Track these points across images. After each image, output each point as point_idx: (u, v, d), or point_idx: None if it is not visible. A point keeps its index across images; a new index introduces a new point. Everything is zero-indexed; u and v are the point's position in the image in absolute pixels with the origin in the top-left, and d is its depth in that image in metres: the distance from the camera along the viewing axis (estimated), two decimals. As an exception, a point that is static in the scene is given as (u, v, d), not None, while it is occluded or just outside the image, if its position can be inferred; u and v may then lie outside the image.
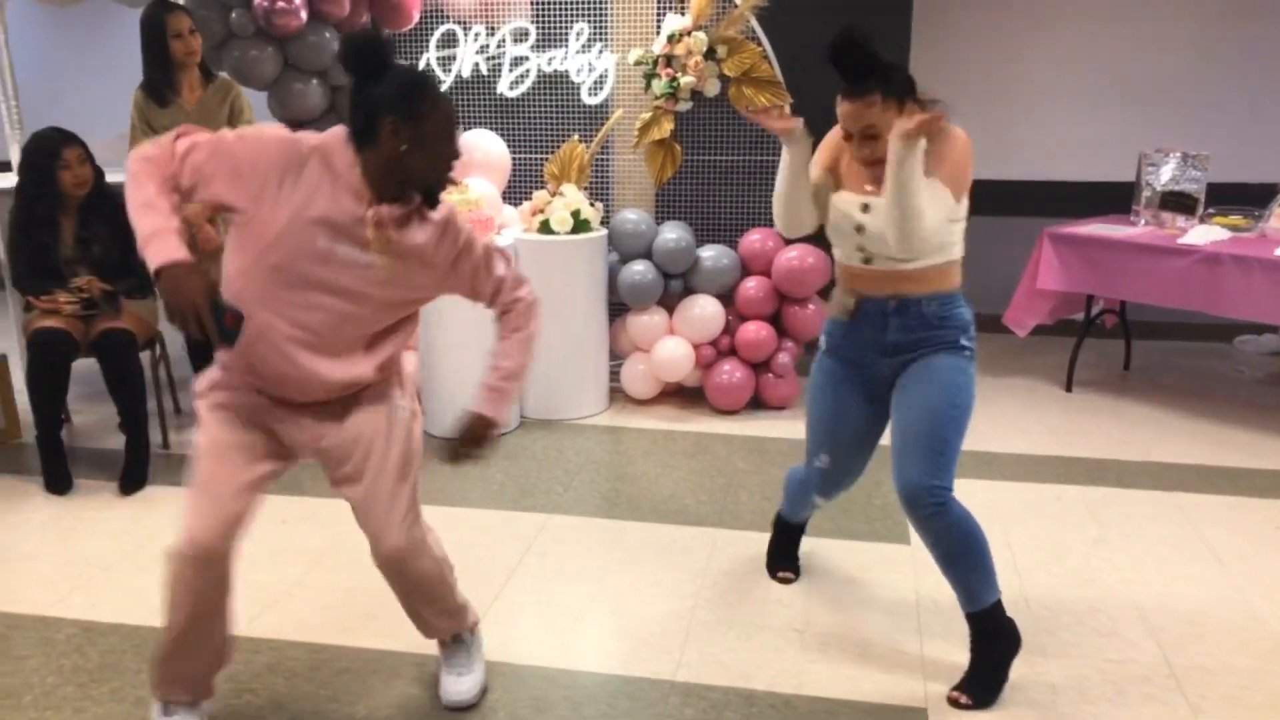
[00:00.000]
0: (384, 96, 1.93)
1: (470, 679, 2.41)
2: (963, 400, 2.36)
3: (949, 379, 2.36)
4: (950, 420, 2.34)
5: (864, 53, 2.20)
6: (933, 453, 2.31)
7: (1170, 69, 5.21)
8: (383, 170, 1.97)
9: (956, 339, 2.39)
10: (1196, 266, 4.11)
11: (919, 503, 2.30)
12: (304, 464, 3.83)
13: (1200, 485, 3.64)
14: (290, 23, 4.02)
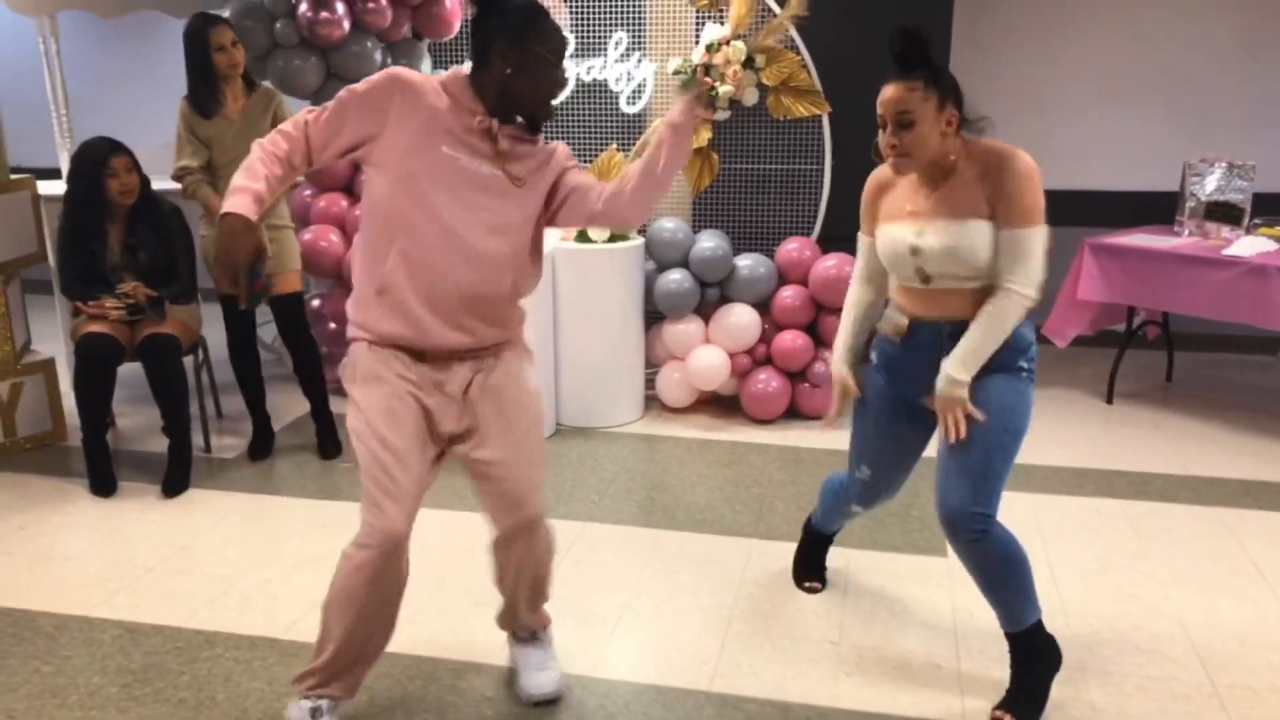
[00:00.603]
0: (497, 24, 2.10)
1: (552, 673, 2.49)
2: (1015, 424, 2.28)
3: (1002, 401, 2.28)
4: (999, 444, 2.27)
5: (921, 42, 2.19)
6: (977, 477, 2.25)
7: (1215, 77, 5.14)
8: (491, 91, 2.12)
9: (1013, 360, 2.31)
10: (1242, 278, 4.05)
11: (960, 529, 2.25)
12: (344, 468, 3.90)
13: (1245, 500, 3.58)
14: (333, 33, 4.08)
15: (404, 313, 2.15)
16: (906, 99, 2.19)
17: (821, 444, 4.13)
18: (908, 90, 2.19)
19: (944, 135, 2.23)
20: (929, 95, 2.19)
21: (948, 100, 2.22)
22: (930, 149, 2.22)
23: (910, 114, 2.20)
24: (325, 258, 4.35)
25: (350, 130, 2.12)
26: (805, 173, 4.52)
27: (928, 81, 2.19)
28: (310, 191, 4.52)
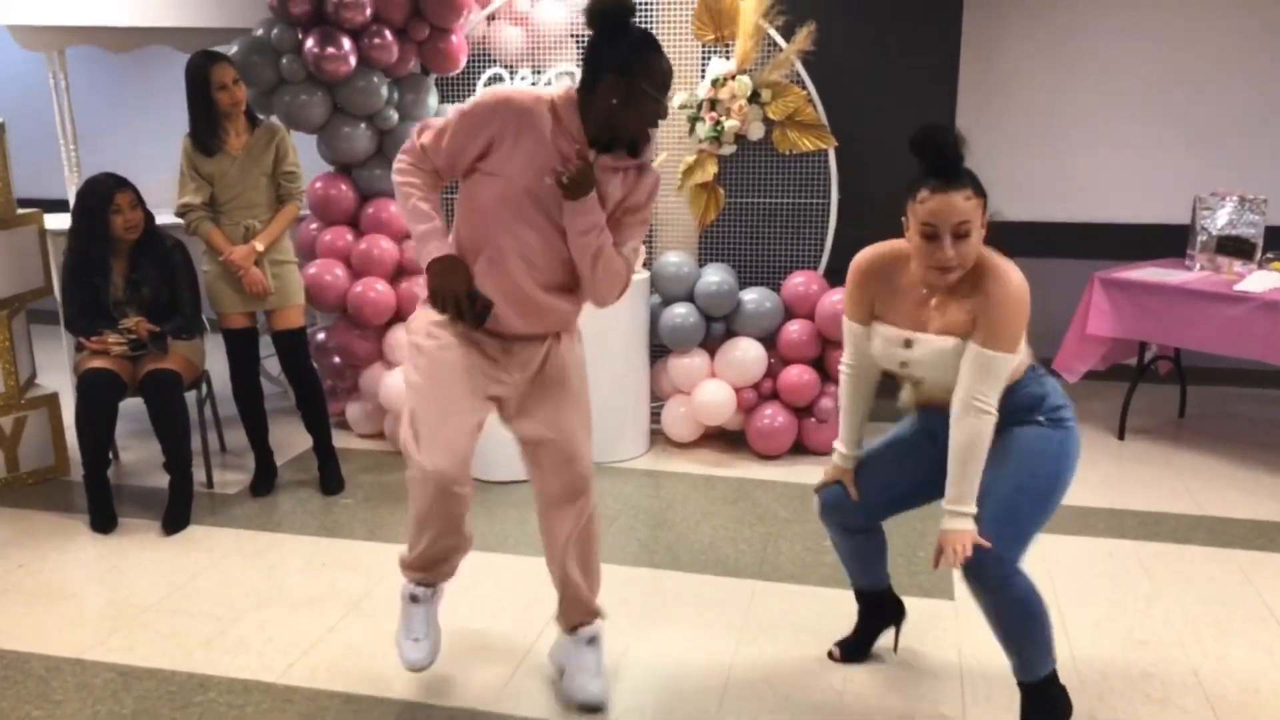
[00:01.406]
0: (609, 54, 2.22)
1: (602, 680, 2.61)
2: (1044, 470, 2.21)
3: (1027, 448, 2.22)
4: (1026, 490, 2.19)
5: (956, 148, 2.10)
6: (1002, 522, 2.17)
7: (1226, 110, 5.11)
8: (595, 118, 2.26)
9: (1027, 417, 2.26)
10: (1254, 314, 4.00)
11: (982, 575, 2.17)
12: (344, 505, 3.88)
13: (1260, 542, 3.52)
14: (339, 68, 4.09)
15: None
16: (965, 209, 2.08)
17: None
18: (964, 200, 2.08)
19: (980, 242, 2.16)
20: (979, 204, 2.11)
21: (985, 200, 2.14)
22: (972, 259, 2.15)
23: (969, 224, 2.09)
24: (330, 292, 4.34)
25: (473, 147, 2.28)
26: (811, 207, 4.50)
27: (974, 189, 2.11)
28: (315, 226, 4.52)
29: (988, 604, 2.22)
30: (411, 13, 4.23)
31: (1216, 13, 5.02)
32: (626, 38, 2.23)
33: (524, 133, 2.26)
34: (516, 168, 2.27)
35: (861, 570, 2.70)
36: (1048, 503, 2.22)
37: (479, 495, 3.97)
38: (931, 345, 2.23)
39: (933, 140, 2.10)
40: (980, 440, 2.16)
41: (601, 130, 2.28)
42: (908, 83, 4.62)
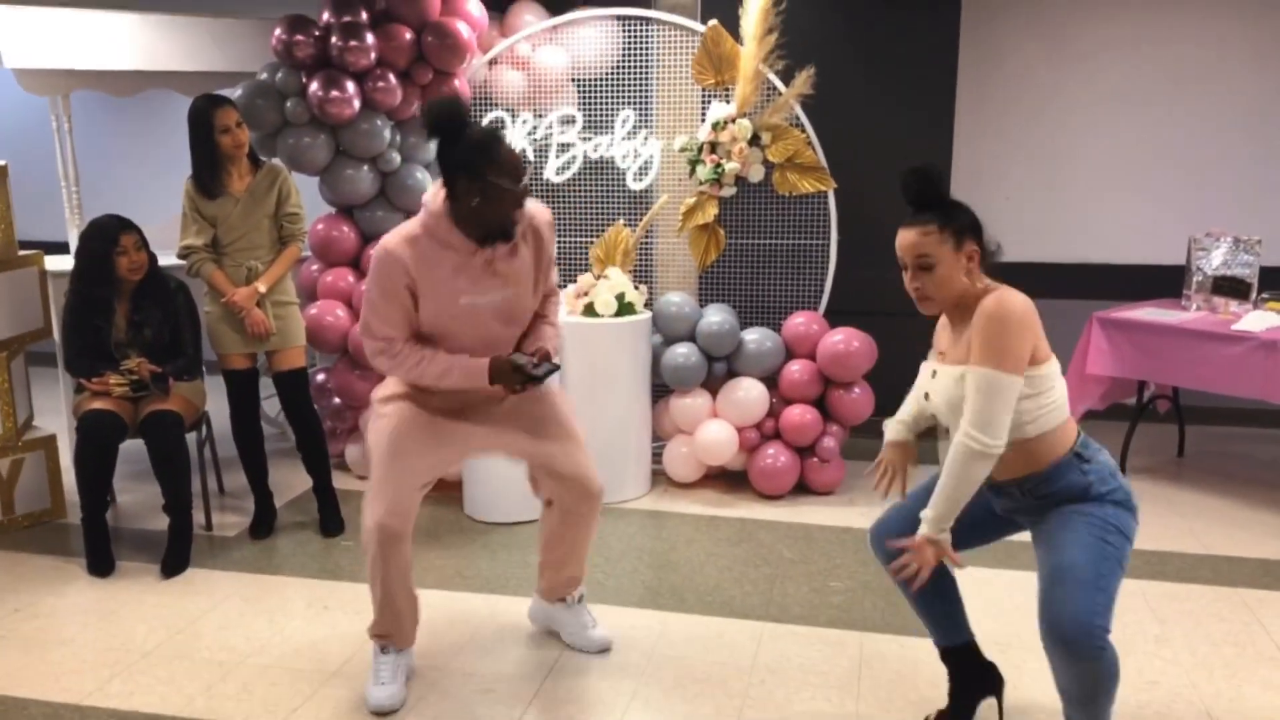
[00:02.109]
0: (454, 156, 2.45)
1: (603, 629, 3.08)
2: (1114, 539, 2.16)
3: (1093, 514, 2.17)
4: (1107, 556, 2.13)
5: (930, 183, 2.18)
6: (1093, 588, 2.09)
7: (1220, 151, 5.17)
8: (466, 220, 2.51)
9: (1077, 498, 2.20)
10: (1252, 353, 4.02)
11: (1080, 643, 2.07)
12: (345, 546, 3.84)
13: (1265, 581, 3.51)
14: (344, 111, 4.12)
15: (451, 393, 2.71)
16: (922, 243, 2.16)
17: (832, 521, 4.06)
18: (922, 234, 2.16)
19: (968, 273, 2.19)
20: (945, 236, 2.16)
21: (965, 237, 2.18)
22: (953, 289, 2.19)
23: (928, 257, 2.16)
24: (331, 332, 4.34)
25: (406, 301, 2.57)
26: (811, 248, 4.53)
27: (942, 222, 2.16)
28: (317, 267, 4.53)
29: (1079, 673, 2.13)
30: (415, 57, 4.28)
31: (1209, 56, 5.11)
32: (465, 139, 2.43)
33: (421, 269, 2.53)
34: (444, 293, 2.56)
35: (932, 621, 2.56)
36: (1118, 569, 2.16)
37: (482, 536, 3.94)
38: (946, 374, 2.25)
39: (905, 177, 2.20)
40: (956, 466, 2.13)
41: (475, 229, 2.52)
42: (906, 126, 4.69)
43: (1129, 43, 5.17)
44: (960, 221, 2.18)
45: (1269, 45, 5.05)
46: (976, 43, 5.20)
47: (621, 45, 4.54)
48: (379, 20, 4.23)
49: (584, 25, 4.51)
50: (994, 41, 5.26)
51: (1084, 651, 2.07)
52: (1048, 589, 2.15)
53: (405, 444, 2.66)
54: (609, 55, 4.54)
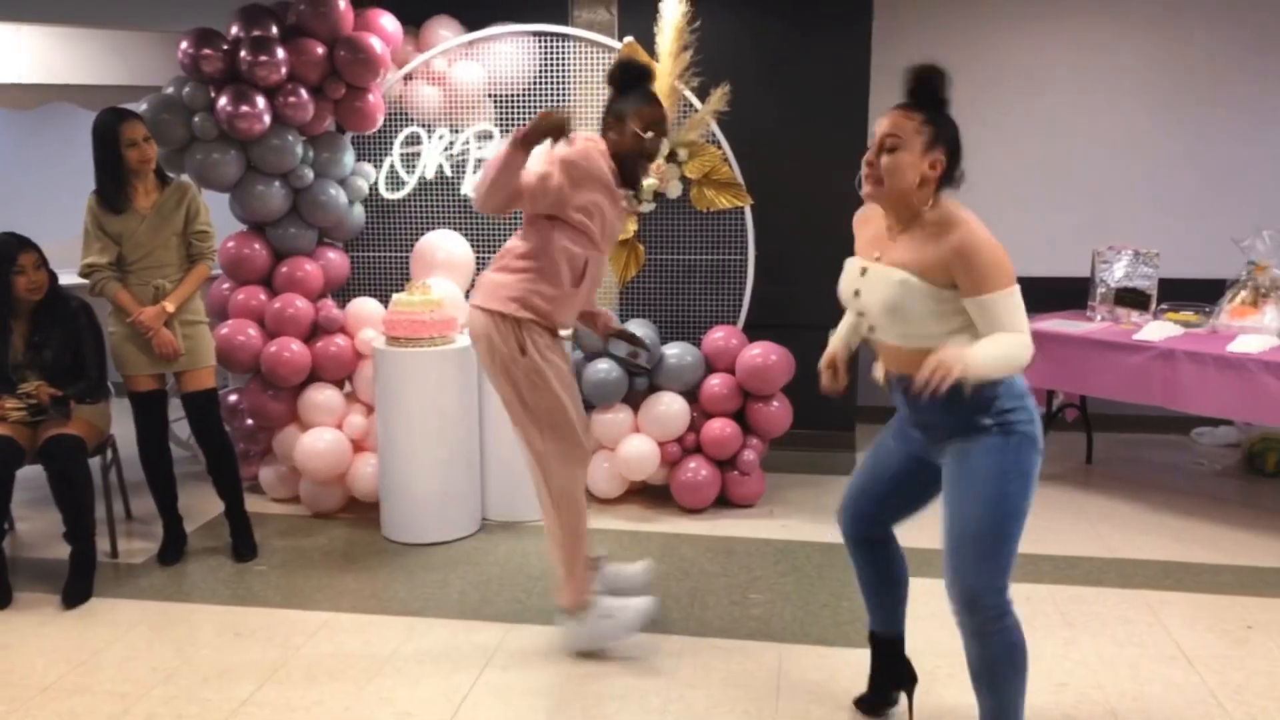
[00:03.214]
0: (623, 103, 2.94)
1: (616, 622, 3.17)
2: (1011, 487, 2.17)
3: (989, 463, 2.19)
4: (1002, 512, 2.16)
5: (933, 83, 2.18)
6: (989, 553, 2.16)
7: (1120, 169, 5.36)
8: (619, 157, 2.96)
9: (975, 420, 2.21)
10: (1153, 362, 4.17)
11: (978, 607, 2.15)
12: (258, 571, 3.75)
13: (1166, 582, 3.63)
14: (253, 127, 4.04)
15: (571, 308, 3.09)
16: (900, 125, 2.17)
17: (753, 533, 4.09)
18: (905, 118, 2.18)
19: (924, 179, 2.19)
20: (922, 130, 2.16)
21: (939, 143, 2.18)
22: (905, 182, 2.18)
23: (898, 139, 2.17)
24: (243, 352, 4.24)
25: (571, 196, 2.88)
26: (729, 263, 4.57)
27: (926, 117, 2.17)
28: (228, 285, 4.43)
29: (981, 642, 2.20)
30: (327, 72, 4.22)
31: (1108, 79, 5.30)
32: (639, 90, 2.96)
33: (602, 190, 2.97)
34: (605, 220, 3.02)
35: (877, 603, 2.65)
36: (1019, 519, 2.19)
37: (399, 558, 3.88)
38: (881, 274, 2.24)
39: (913, 71, 2.19)
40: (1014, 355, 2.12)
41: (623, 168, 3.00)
42: (820, 143, 4.76)
43: (1033, 66, 5.34)
44: (942, 127, 2.18)
45: (1163, 71, 5.26)
46: (888, 61, 5.31)
47: (539, 61, 4.54)
48: (290, 34, 4.16)
49: (501, 41, 4.50)
50: (905, 61, 5.37)
51: (983, 614, 2.16)
52: (950, 555, 2.21)
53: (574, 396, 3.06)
54: (526, 71, 4.53)
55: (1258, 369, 3.88)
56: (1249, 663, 3.05)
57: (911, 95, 2.20)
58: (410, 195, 4.67)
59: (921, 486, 2.47)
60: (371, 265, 4.75)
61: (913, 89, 2.20)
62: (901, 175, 2.18)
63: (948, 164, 2.21)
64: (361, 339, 4.34)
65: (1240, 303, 4.35)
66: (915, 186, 2.19)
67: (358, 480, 4.27)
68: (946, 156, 2.20)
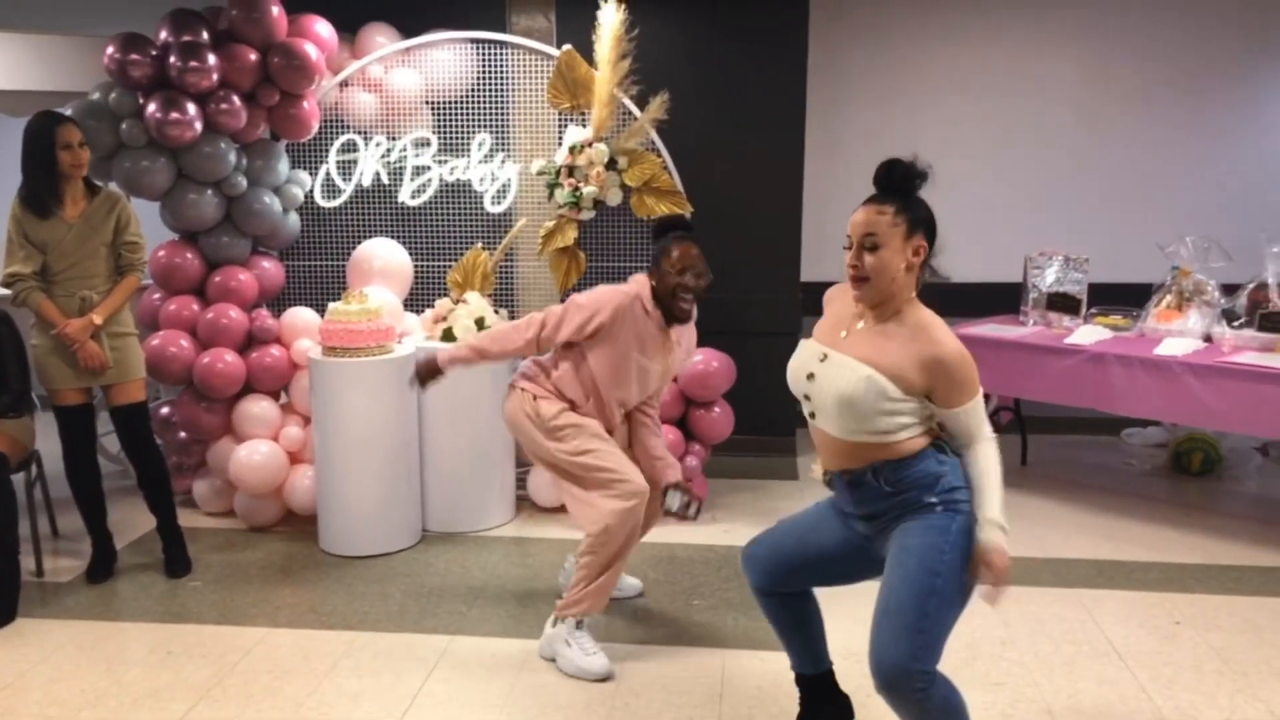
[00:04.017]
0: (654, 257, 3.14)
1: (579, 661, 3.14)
2: (946, 566, 2.11)
3: (925, 542, 2.14)
4: (928, 590, 2.09)
5: (899, 173, 2.19)
6: (911, 630, 2.07)
7: (1051, 177, 5.48)
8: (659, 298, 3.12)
9: (921, 498, 2.18)
10: (1083, 365, 4.27)
11: (898, 687, 2.08)
12: (192, 587, 3.67)
13: (1099, 581, 3.71)
14: (184, 134, 3.96)
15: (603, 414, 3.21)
16: (875, 222, 2.16)
17: (695, 539, 4.10)
18: (878, 214, 2.16)
19: (909, 267, 2.17)
20: (898, 221, 2.15)
21: (918, 230, 2.17)
22: (890, 277, 2.16)
23: (876, 237, 2.15)
24: (175, 364, 4.14)
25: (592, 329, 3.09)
26: (670, 270, 4.58)
27: (899, 208, 2.16)
28: (159, 296, 4.32)
29: (904, 712, 2.14)
30: (260, 78, 4.15)
31: (1040, 92, 5.42)
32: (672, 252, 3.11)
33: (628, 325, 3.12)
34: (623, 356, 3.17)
35: (792, 649, 2.58)
36: (955, 599, 2.13)
37: (338, 571, 3.82)
38: (843, 365, 2.19)
39: (885, 165, 2.21)
40: (994, 459, 2.21)
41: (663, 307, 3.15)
42: (759, 151, 4.81)
43: (966, 74, 5.44)
44: (917, 214, 2.18)
45: (1093, 81, 5.39)
46: (824, 70, 5.38)
47: (477, 68, 4.51)
48: (221, 40, 4.09)
49: (438, 48, 4.47)
50: (841, 69, 5.45)
51: (904, 694, 2.09)
52: (873, 629, 2.14)
53: (604, 438, 3.13)
54: (464, 78, 4.51)
55: (1182, 371, 4.00)
56: (1177, 657, 3.13)
57: (879, 187, 2.21)
58: (347, 203, 4.61)
59: (854, 569, 2.42)
60: (307, 274, 4.68)
61: (880, 182, 2.21)
62: (886, 272, 2.16)
63: (930, 244, 2.22)
64: (297, 349, 4.27)
65: (1166, 306, 4.47)
66: (902, 275, 2.18)
67: (294, 493, 4.19)
68: (927, 239, 2.20)
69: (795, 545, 2.45)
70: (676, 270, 3.06)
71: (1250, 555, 3.94)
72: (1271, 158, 5.38)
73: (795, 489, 4.71)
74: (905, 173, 2.20)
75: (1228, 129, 5.38)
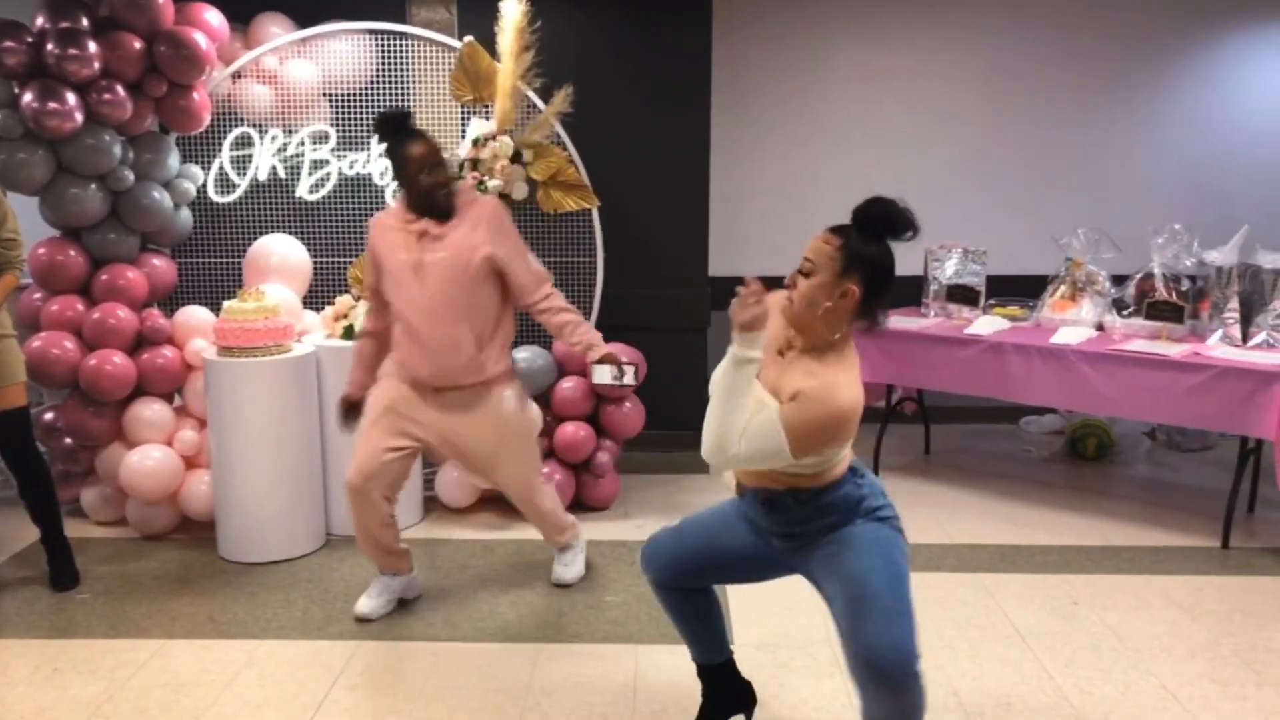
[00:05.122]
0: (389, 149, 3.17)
1: (575, 569, 3.65)
2: (899, 557, 2.12)
3: (869, 538, 2.13)
4: (897, 576, 2.08)
5: (881, 215, 2.08)
6: (895, 614, 2.04)
7: (950, 172, 5.61)
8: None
9: (848, 520, 2.16)
10: (983, 355, 4.37)
11: (897, 673, 2.00)
12: (80, 600, 3.51)
13: (1001, 565, 3.80)
14: (63, 125, 3.77)
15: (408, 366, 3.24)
16: (819, 249, 2.09)
17: (608, 535, 4.08)
18: (824, 242, 2.09)
19: (835, 308, 2.08)
20: (837, 257, 2.07)
21: (854, 270, 2.06)
22: (811, 309, 2.09)
23: (812, 263, 2.09)
24: (59, 366, 3.94)
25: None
26: (578, 265, 4.55)
27: (845, 243, 2.07)
28: (40, 295, 4.11)
29: (892, 702, 2.03)
30: (146, 68, 3.97)
31: (942, 89, 5.54)
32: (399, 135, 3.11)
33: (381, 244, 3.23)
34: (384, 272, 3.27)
35: (692, 639, 2.54)
36: (908, 587, 2.12)
37: (238, 578, 3.69)
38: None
39: (868, 200, 2.11)
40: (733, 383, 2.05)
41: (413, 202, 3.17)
42: (664, 145, 4.81)
43: (866, 67, 5.53)
44: (860, 254, 2.07)
45: (993, 81, 5.53)
46: (728, 64, 5.41)
47: (377, 60, 4.41)
48: (103, 27, 3.90)
49: (335, 39, 4.35)
50: (745, 66, 5.49)
51: (901, 681, 2.01)
52: (855, 621, 2.07)
53: (376, 414, 3.25)
54: (363, 70, 4.40)
55: (1077, 359, 4.12)
56: (1076, 636, 3.22)
57: (852, 219, 2.11)
58: (242, 198, 4.46)
59: (763, 573, 2.38)
60: (201, 272, 4.51)
61: (855, 214, 2.10)
62: (808, 301, 2.08)
63: (868, 289, 2.08)
64: (191, 349, 4.11)
65: (1060, 297, 4.61)
66: (821, 314, 2.08)
67: (191, 499, 4.04)
68: (862, 286, 2.07)
69: (704, 545, 2.40)
70: (418, 170, 3.07)
71: (1141, 536, 4.10)
72: (1156, 154, 5.60)
73: (707, 483, 4.73)
74: (882, 215, 2.08)
75: (1116, 127, 5.58)
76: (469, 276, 3.13)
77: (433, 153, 3.09)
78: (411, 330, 3.16)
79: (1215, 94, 5.54)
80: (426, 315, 3.14)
